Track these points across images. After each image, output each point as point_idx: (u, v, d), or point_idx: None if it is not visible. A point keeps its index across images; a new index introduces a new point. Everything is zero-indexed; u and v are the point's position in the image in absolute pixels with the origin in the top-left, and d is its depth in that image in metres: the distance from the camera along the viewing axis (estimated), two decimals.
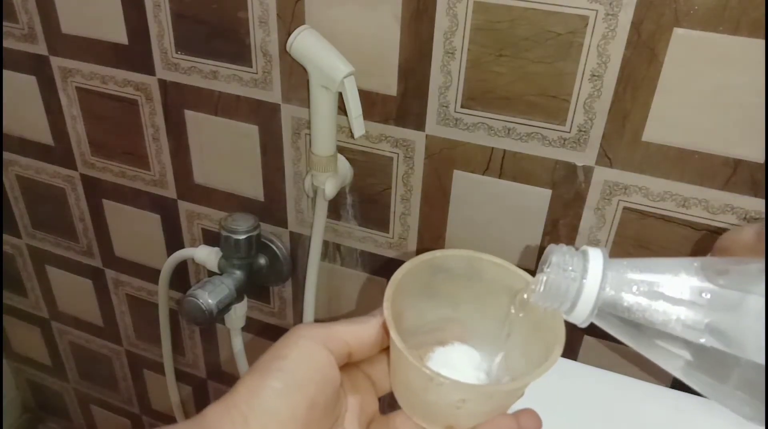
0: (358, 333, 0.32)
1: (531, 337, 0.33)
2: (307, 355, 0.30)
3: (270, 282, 0.88)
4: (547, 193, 0.65)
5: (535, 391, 0.56)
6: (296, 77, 0.70)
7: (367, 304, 0.84)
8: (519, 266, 0.34)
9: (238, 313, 0.85)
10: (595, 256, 0.31)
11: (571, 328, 0.31)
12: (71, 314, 1.16)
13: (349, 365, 0.34)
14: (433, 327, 0.35)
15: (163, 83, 0.78)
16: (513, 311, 0.34)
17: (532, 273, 0.33)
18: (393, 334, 0.30)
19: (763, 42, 0.50)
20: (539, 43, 0.57)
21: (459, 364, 0.34)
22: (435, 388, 0.29)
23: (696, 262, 0.32)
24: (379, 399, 0.35)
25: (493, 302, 0.34)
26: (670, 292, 0.31)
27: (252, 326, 0.94)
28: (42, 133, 0.92)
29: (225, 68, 0.73)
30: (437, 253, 0.34)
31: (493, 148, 0.64)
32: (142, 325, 1.09)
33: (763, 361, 0.30)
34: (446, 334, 0.36)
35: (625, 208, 0.62)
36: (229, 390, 0.30)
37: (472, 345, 0.35)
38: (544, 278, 0.31)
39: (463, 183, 0.68)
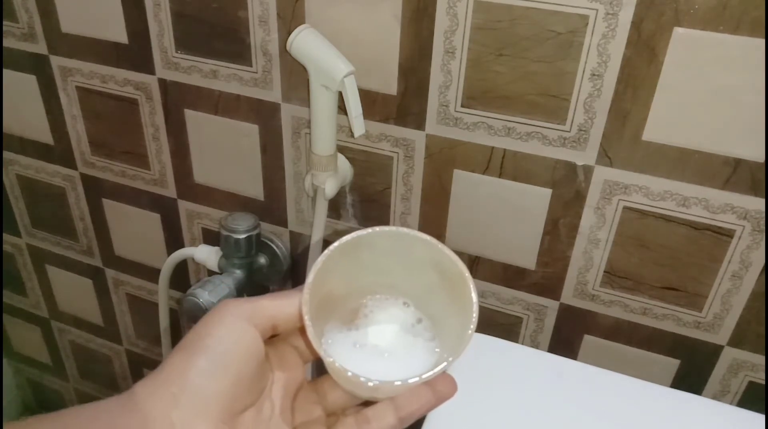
0: (283, 307, 0.33)
1: (451, 309, 0.34)
2: (232, 331, 0.31)
3: (270, 281, 0.88)
4: (547, 192, 0.65)
5: (535, 391, 0.56)
6: (296, 76, 0.70)
7: None
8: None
9: None
10: None
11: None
12: (71, 314, 1.16)
13: (274, 338, 0.35)
14: (363, 291, 0.37)
15: (163, 82, 0.78)
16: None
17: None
18: (309, 333, 0.31)
19: (763, 42, 0.50)
20: (539, 43, 0.57)
21: (388, 324, 0.36)
22: (347, 377, 0.31)
23: None
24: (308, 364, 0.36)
25: (420, 274, 0.35)
26: None
27: None
28: (42, 133, 0.92)
29: (225, 67, 0.73)
30: (362, 232, 0.35)
31: (493, 147, 0.64)
32: (142, 325, 1.09)
33: None
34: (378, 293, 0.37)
35: (625, 208, 0.62)
36: (158, 367, 0.31)
37: (402, 302, 0.37)
38: None
39: (463, 182, 0.68)
